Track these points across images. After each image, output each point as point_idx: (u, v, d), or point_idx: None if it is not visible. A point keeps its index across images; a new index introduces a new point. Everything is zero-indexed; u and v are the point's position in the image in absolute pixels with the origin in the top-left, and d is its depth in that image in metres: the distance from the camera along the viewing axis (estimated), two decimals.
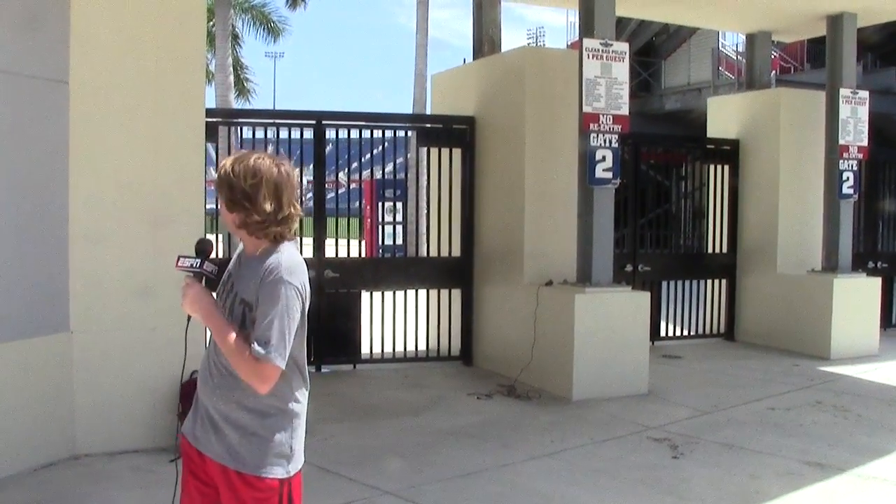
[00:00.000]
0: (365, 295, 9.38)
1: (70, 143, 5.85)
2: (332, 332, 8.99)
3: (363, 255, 11.84)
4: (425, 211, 10.29)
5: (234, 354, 2.72)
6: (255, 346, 2.68)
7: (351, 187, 11.12)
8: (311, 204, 9.27)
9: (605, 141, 8.08)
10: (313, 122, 9.06)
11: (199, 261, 2.88)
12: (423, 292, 9.75)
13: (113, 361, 5.93)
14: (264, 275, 2.74)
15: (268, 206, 2.78)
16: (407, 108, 22.96)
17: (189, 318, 2.90)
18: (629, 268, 10.43)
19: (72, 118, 5.85)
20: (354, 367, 9.22)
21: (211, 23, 20.68)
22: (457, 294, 9.61)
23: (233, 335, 2.72)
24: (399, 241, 16.32)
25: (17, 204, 5.60)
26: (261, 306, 2.72)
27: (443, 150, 9.59)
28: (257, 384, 2.72)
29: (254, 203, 2.77)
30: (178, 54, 6.16)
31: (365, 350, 9.34)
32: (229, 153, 9.14)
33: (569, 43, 28.32)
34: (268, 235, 2.82)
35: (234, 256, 2.99)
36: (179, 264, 2.87)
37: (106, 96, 5.95)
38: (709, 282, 11.55)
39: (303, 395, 2.91)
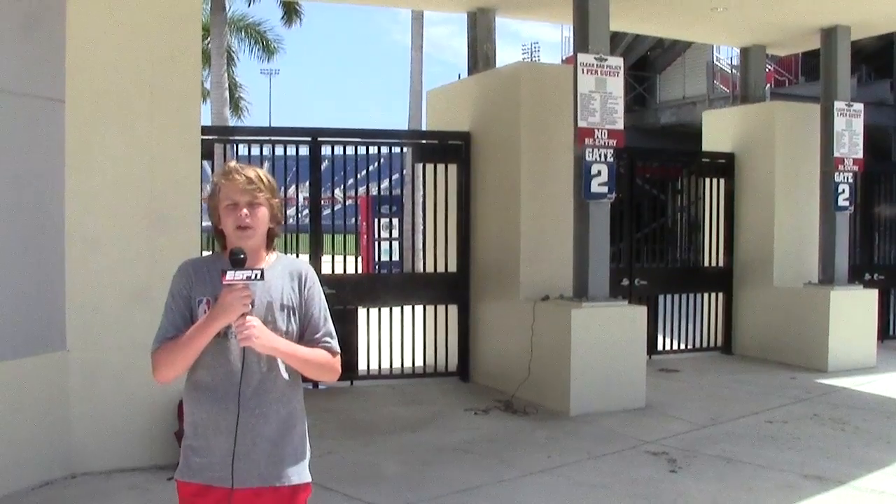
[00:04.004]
0: (361, 311, 9.38)
1: (66, 159, 5.87)
2: None
3: (359, 271, 11.84)
4: (421, 227, 10.29)
5: (313, 363, 2.89)
6: (333, 343, 2.94)
7: (347, 204, 11.11)
8: (307, 220, 9.27)
9: (600, 155, 8.10)
10: (309, 138, 9.08)
11: (259, 271, 2.70)
12: (419, 308, 9.75)
13: (110, 379, 5.92)
14: (303, 278, 2.92)
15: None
16: (402, 125, 22.99)
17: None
18: (625, 282, 10.43)
19: (68, 135, 5.87)
20: (352, 383, 9.20)
21: (206, 41, 20.70)
22: (453, 310, 9.60)
23: (304, 349, 2.86)
24: (395, 257, 16.27)
25: (13, 222, 5.60)
26: (313, 306, 2.92)
27: (438, 165, 9.61)
28: (334, 375, 3.00)
29: (280, 209, 2.94)
30: (173, 69, 6.18)
31: (362, 366, 9.33)
32: None
33: (563, 58, 28.48)
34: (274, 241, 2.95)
35: (204, 267, 2.86)
36: (233, 279, 2.65)
37: (102, 112, 5.97)
38: (705, 295, 11.56)
39: None
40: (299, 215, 13.51)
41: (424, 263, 10.01)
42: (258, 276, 2.68)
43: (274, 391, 2.82)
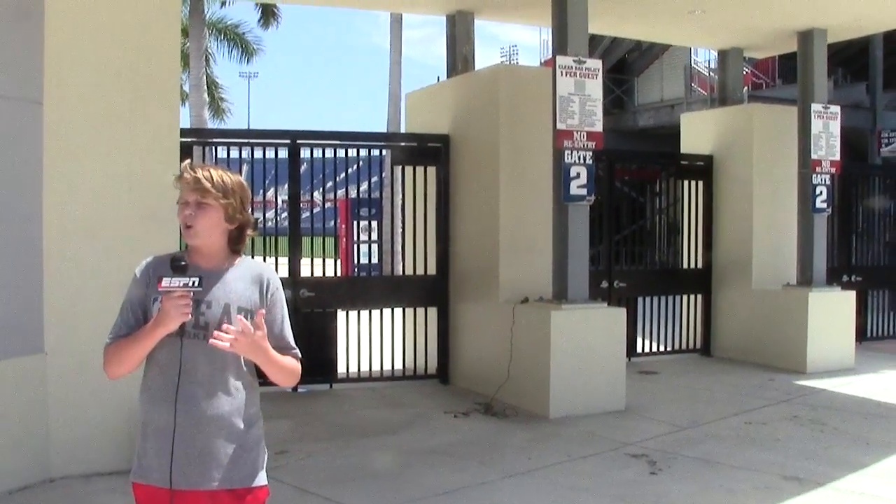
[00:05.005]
0: (341, 314, 9.33)
1: (44, 161, 5.79)
2: (308, 352, 8.73)
3: (339, 274, 11.81)
4: (401, 229, 10.26)
5: (284, 368, 2.87)
6: (296, 350, 2.95)
7: (326, 206, 11.07)
8: (286, 223, 9.23)
9: (579, 158, 8.10)
10: (288, 141, 9.03)
11: (197, 279, 2.66)
12: (399, 311, 9.72)
13: (89, 382, 5.81)
14: (266, 283, 2.88)
15: (251, 217, 2.95)
16: (382, 127, 22.96)
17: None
18: (605, 284, 10.45)
19: (46, 138, 5.79)
20: (331, 386, 9.16)
21: (185, 42, 20.61)
22: (433, 313, 9.58)
23: (284, 360, 2.87)
24: (374, 259, 16.27)
25: None
26: (277, 311, 2.89)
27: (417, 168, 9.59)
28: (294, 381, 2.98)
29: (245, 213, 2.89)
30: (153, 71, 6.12)
31: (341, 369, 9.28)
32: None
33: (542, 61, 28.49)
34: (244, 245, 2.94)
35: (164, 265, 2.80)
36: (168, 285, 2.64)
37: (80, 115, 5.91)
38: (684, 297, 11.59)
39: None
40: (278, 218, 13.47)
41: (404, 266, 9.97)
42: (195, 284, 2.65)
43: (227, 394, 2.79)
